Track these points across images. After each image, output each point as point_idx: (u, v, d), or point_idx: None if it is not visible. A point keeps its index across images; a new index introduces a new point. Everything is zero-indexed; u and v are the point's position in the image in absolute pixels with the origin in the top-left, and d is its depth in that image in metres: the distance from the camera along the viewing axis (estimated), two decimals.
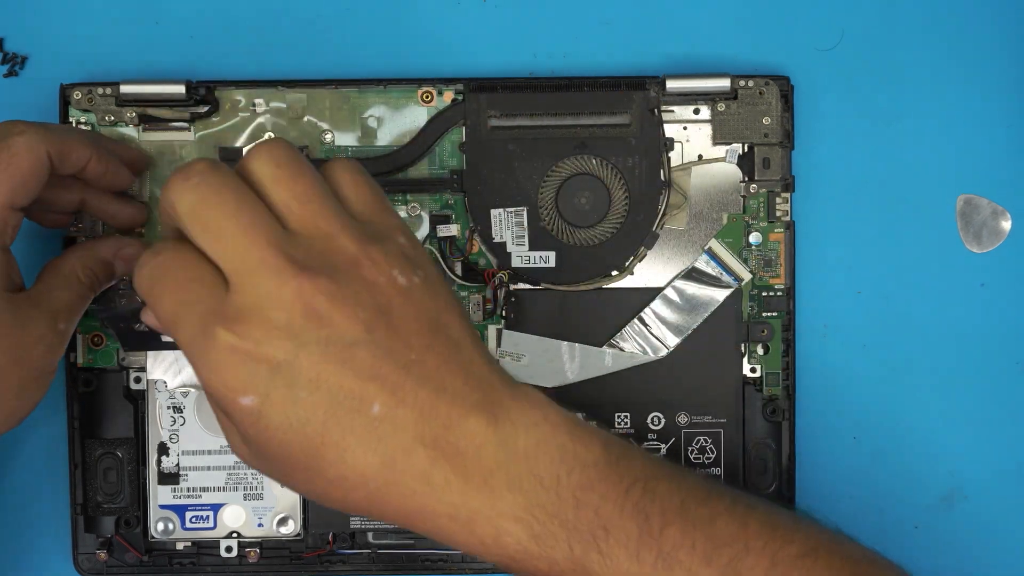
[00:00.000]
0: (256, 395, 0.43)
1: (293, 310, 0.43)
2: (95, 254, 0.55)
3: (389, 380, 0.44)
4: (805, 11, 0.60)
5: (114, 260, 0.56)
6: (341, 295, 0.44)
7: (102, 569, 0.59)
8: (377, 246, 0.45)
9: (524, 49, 0.61)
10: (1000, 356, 0.61)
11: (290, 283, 0.43)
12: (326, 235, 0.45)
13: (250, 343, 0.43)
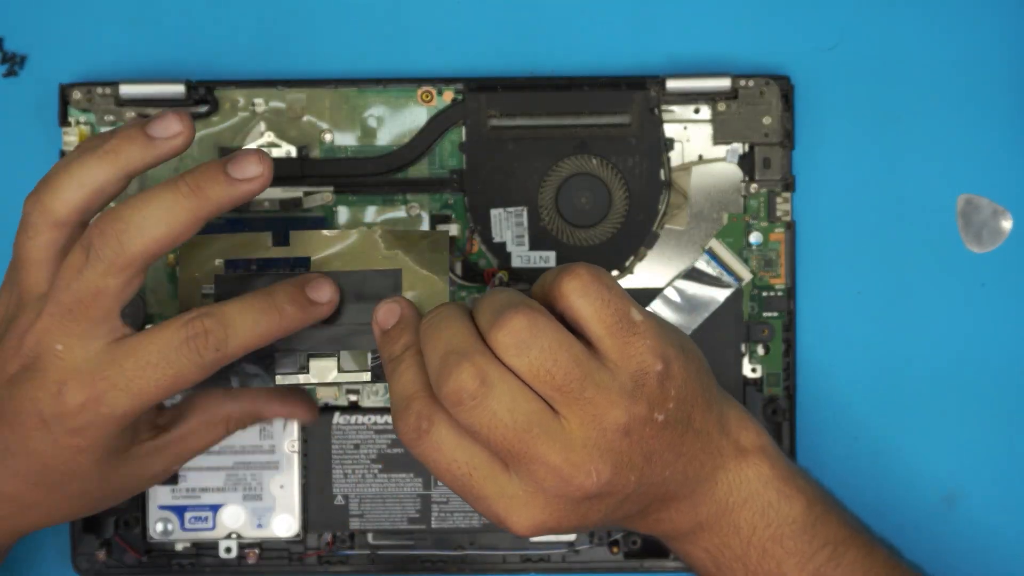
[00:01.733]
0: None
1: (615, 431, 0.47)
2: (255, 411, 0.55)
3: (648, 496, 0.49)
4: (805, 11, 0.60)
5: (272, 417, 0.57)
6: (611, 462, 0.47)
7: (101, 570, 0.59)
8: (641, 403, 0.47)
9: (524, 49, 0.61)
10: (1000, 356, 0.61)
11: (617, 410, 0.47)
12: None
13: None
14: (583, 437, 0.46)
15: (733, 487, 0.50)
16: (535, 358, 0.45)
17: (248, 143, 0.59)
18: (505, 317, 0.45)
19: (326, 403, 0.59)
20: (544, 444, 0.46)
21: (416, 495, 0.59)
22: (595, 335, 0.47)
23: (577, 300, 0.46)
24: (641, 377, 0.47)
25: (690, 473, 0.49)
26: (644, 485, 0.48)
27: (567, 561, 0.60)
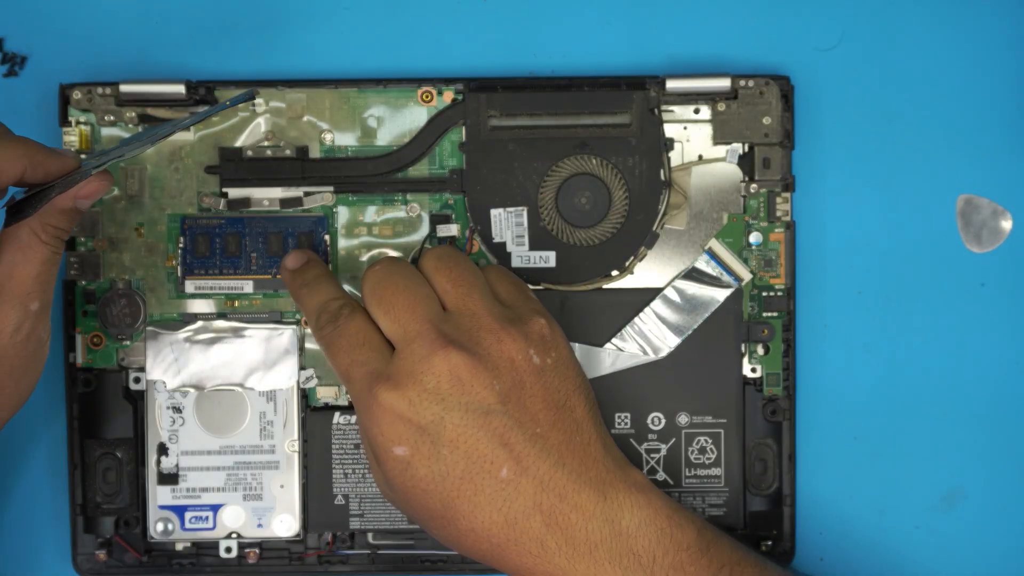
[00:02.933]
0: (407, 447, 0.51)
1: (441, 376, 0.51)
2: (52, 207, 0.52)
3: (516, 449, 0.51)
4: (805, 11, 0.60)
5: (75, 203, 0.52)
6: (482, 367, 0.51)
7: (101, 569, 0.59)
8: (517, 327, 0.52)
9: (524, 49, 0.61)
10: (1000, 356, 0.61)
11: (439, 353, 0.51)
12: (473, 313, 0.52)
13: (405, 402, 0.51)
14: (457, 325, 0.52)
15: (625, 510, 0.51)
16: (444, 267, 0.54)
17: (248, 143, 0.59)
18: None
19: (326, 403, 0.59)
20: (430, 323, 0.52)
21: None
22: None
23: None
24: (528, 316, 0.53)
25: (570, 464, 0.51)
26: (516, 422, 0.51)
27: None
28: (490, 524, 0.51)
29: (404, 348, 0.52)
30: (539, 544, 0.51)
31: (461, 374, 0.51)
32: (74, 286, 0.59)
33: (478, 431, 0.51)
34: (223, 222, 0.59)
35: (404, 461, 0.51)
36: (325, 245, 0.59)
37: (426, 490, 0.51)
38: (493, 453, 0.51)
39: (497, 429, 0.51)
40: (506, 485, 0.51)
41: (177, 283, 0.59)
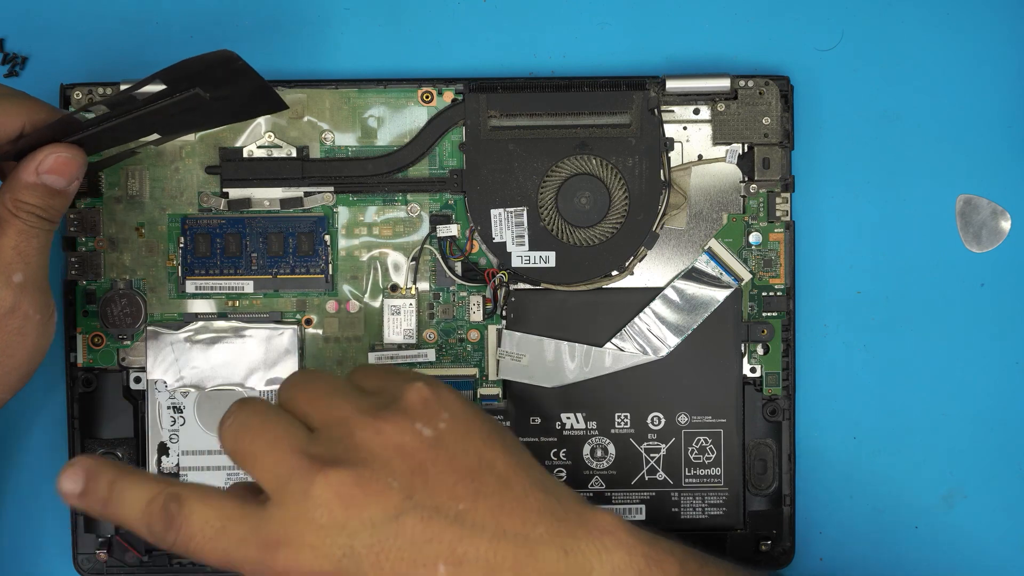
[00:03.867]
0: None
1: (331, 504, 0.44)
2: (17, 181, 0.51)
3: (444, 540, 0.44)
4: (805, 11, 0.60)
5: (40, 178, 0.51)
6: (369, 473, 0.44)
7: (102, 569, 0.59)
8: (392, 409, 0.46)
9: (524, 49, 0.61)
10: (1000, 356, 0.61)
11: (317, 480, 0.44)
12: (341, 420, 0.46)
13: (308, 554, 0.44)
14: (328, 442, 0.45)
15: (593, 559, 0.45)
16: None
17: (248, 143, 0.59)
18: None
19: None
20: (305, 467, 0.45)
21: None
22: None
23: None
24: (397, 391, 0.46)
25: (512, 528, 0.45)
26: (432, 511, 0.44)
27: None
28: None
29: (282, 494, 0.44)
30: None
31: (350, 492, 0.44)
32: (74, 286, 0.59)
33: (395, 540, 0.44)
34: (223, 222, 0.59)
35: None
36: (325, 245, 0.59)
37: None
38: (422, 556, 0.44)
39: (415, 528, 0.44)
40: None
41: (177, 283, 0.59)
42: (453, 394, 0.47)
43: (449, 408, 0.46)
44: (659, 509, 0.59)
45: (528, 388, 0.59)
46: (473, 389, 0.59)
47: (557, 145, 0.58)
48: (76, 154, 0.52)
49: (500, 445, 0.46)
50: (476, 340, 0.59)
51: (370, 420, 0.45)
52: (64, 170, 0.52)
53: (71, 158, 0.52)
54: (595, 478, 0.59)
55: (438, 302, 0.59)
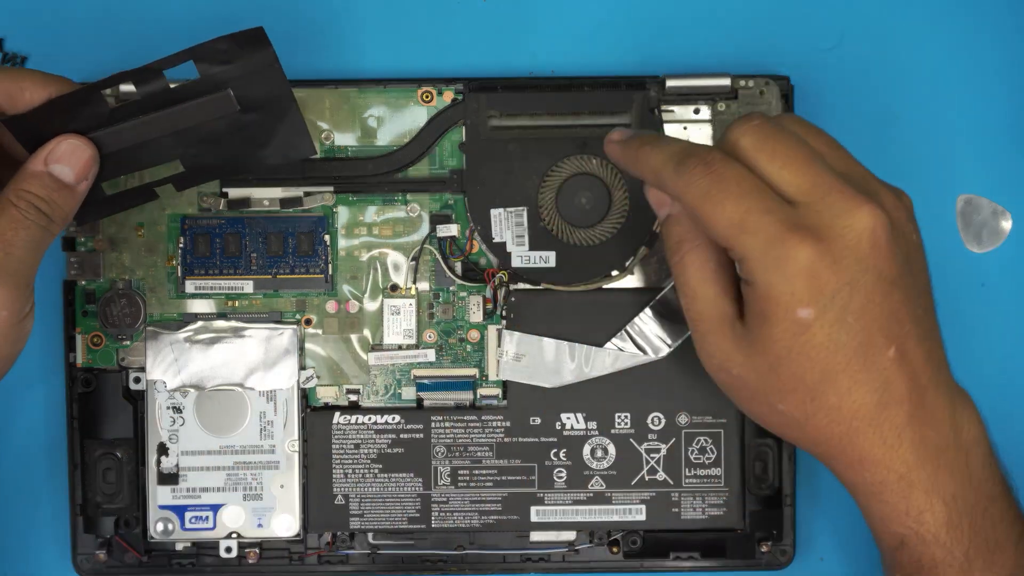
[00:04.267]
0: (814, 309, 0.46)
1: (862, 236, 0.46)
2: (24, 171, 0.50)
3: (904, 328, 0.47)
4: (805, 11, 0.60)
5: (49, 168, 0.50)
6: (893, 230, 0.47)
7: (101, 569, 0.59)
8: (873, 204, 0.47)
9: (524, 49, 0.61)
10: (1000, 356, 0.60)
11: (864, 208, 0.46)
12: (864, 177, 0.48)
13: (828, 259, 0.46)
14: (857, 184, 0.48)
15: (965, 422, 0.49)
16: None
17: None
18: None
19: (326, 403, 0.59)
20: None
21: (416, 495, 0.59)
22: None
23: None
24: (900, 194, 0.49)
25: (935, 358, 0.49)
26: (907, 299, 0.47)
27: (567, 561, 0.60)
28: (861, 405, 0.47)
29: (818, 200, 0.47)
30: (897, 435, 0.48)
31: (880, 235, 0.46)
32: (74, 286, 0.59)
33: (883, 302, 0.47)
34: (223, 222, 0.59)
35: (804, 324, 0.47)
36: (325, 245, 0.59)
37: (812, 358, 0.47)
38: (888, 329, 0.47)
39: (895, 304, 0.47)
40: (888, 367, 0.47)
41: (177, 283, 0.59)
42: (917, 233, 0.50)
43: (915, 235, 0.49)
44: (659, 509, 0.59)
45: (528, 388, 0.59)
46: (473, 389, 0.59)
47: (557, 145, 0.58)
48: (87, 146, 0.51)
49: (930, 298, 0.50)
50: (476, 340, 0.59)
51: (889, 191, 0.48)
52: (73, 160, 0.51)
53: (81, 147, 0.51)
54: (595, 478, 0.59)
55: (438, 302, 0.59)
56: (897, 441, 0.48)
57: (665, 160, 0.49)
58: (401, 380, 0.59)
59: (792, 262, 0.46)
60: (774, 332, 0.47)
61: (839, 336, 0.47)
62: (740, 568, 0.60)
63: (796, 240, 0.46)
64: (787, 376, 0.48)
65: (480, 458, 0.59)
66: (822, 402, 0.48)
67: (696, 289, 0.50)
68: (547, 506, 0.59)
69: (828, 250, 0.46)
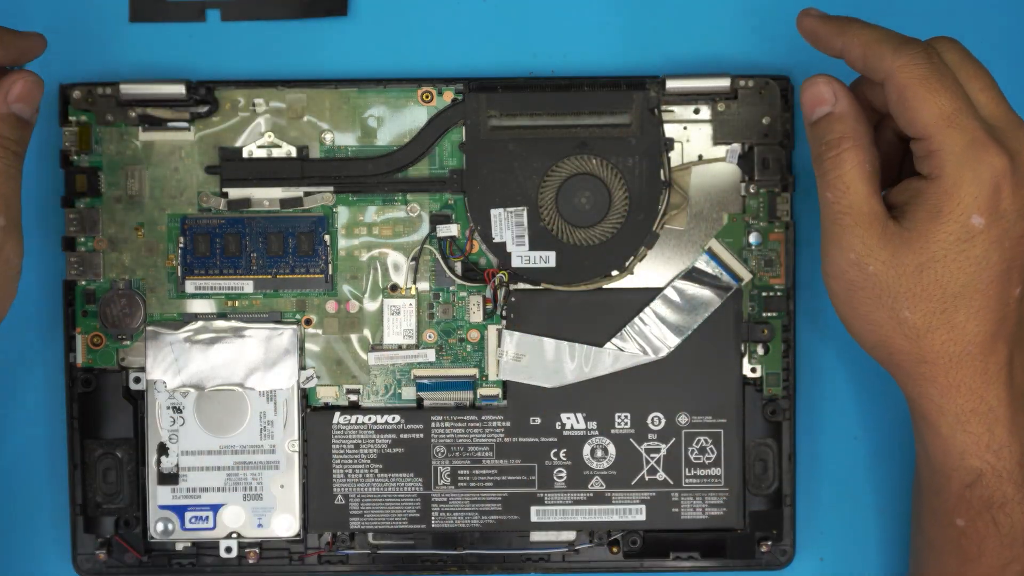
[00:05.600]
0: (987, 220, 0.49)
1: (991, 185, 0.49)
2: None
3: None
4: None
5: (11, 108, 0.51)
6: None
7: (101, 569, 0.59)
8: None
9: (524, 49, 0.61)
10: None
11: (994, 154, 0.49)
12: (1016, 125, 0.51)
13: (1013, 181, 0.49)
14: None
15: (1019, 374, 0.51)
16: None
17: (248, 143, 0.59)
18: None
19: (326, 403, 0.59)
20: None
21: (416, 495, 0.59)
22: None
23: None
24: None
25: None
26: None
27: (567, 561, 0.60)
28: (981, 331, 0.50)
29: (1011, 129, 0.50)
30: (998, 370, 0.50)
31: (1011, 180, 0.49)
32: (74, 286, 0.59)
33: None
34: (223, 222, 0.59)
35: (971, 231, 0.49)
36: (325, 245, 0.59)
37: (962, 268, 0.49)
38: (1022, 268, 0.50)
39: None
40: (1011, 303, 0.50)
41: (177, 283, 0.59)
42: None
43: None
44: (659, 509, 0.59)
45: (528, 388, 0.59)
46: (473, 389, 0.59)
47: (557, 145, 0.58)
48: (37, 79, 0.51)
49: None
50: (476, 340, 0.59)
51: None
52: (30, 97, 0.51)
53: (36, 83, 0.51)
54: (595, 478, 0.59)
55: (438, 302, 0.59)
56: (997, 375, 0.50)
57: (884, 36, 0.51)
58: (401, 380, 0.59)
59: (988, 167, 0.49)
60: (940, 231, 0.49)
61: (992, 255, 0.49)
62: (740, 568, 0.60)
63: (996, 150, 0.49)
64: (929, 280, 0.50)
65: (480, 458, 0.59)
66: (950, 316, 0.50)
67: (851, 184, 0.51)
68: (547, 506, 0.59)
69: (1017, 171, 0.49)
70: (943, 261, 0.49)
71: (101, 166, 0.59)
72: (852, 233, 0.50)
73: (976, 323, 0.50)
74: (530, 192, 0.59)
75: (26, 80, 0.51)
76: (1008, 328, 0.50)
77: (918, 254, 0.50)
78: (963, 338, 0.50)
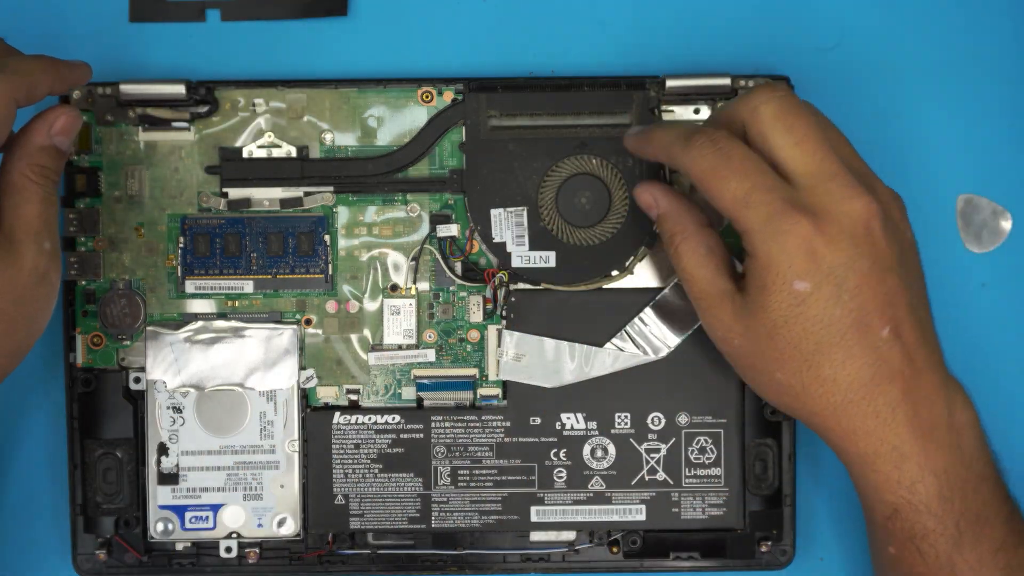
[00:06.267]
0: (810, 283, 0.49)
1: (858, 222, 0.50)
2: (31, 146, 0.52)
3: (899, 312, 0.50)
4: (805, 11, 0.60)
5: (53, 140, 0.53)
6: (888, 224, 0.50)
7: (101, 569, 0.59)
8: (871, 195, 0.50)
9: (524, 49, 0.61)
10: (1000, 356, 0.60)
11: (861, 199, 0.50)
12: (869, 175, 0.52)
13: (823, 238, 0.49)
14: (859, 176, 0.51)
15: (958, 404, 0.51)
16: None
17: (248, 143, 0.59)
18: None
19: (326, 403, 0.59)
20: None
21: (416, 495, 0.59)
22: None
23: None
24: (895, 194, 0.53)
25: (930, 342, 0.51)
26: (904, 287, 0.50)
27: (567, 561, 0.60)
28: (855, 378, 0.50)
29: (820, 184, 0.50)
30: (890, 410, 0.50)
31: (873, 225, 0.50)
32: (74, 286, 0.59)
33: (878, 285, 0.50)
34: (223, 222, 0.59)
35: (799, 297, 0.50)
36: (325, 245, 0.59)
37: (807, 329, 0.50)
38: (883, 310, 0.50)
39: (891, 288, 0.50)
40: (882, 345, 0.50)
41: (177, 283, 0.59)
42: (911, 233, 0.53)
43: (908, 232, 0.52)
44: (659, 509, 0.59)
45: (528, 388, 0.59)
46: (473, 389, 0.59)
47: (557, 145, 0.58)
48: (78, 114, 0.54)
49: (924, 291, 0.52)
50: (476, 340, 0.59)
51: (886, 189, 0.52)
52: (70, 131, 0.53)
53: (77, 117, 0.54)
54: (595, 478, 0.59)
55: (438, 302, 0.59)
56: (891, 415, 0.50)
57: (675, 137, 0.52)
58: (401, 380, 0.59)
59: (791, 236, 0.49)
60: (772, 301, 0.50)
61: (833, 311, 0.50)
62: (740, 568, 0.60)
63: (796, 216, 0.49)
64: (784, 344, 0.50)
65: (480, 458, 0.59)
66: (817, 372, 0.50)
67: (693, 272, 0.53)
68: (547, 506, 0.59)
69: (825, 230, 0.49)
70: (787, 326, 0.50)
71: (101, 166, 0.59)
72: (709, 314, 0.53)
73: (847, 372, 0.50)
74: (530, 192, 0.59)
75: (68, 115, 0.53)
76: (890, 367, 0.50)
77: (764, 323, 0.51)
78: (839, 388, 0.50)
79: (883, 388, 0.50)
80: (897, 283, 0.50)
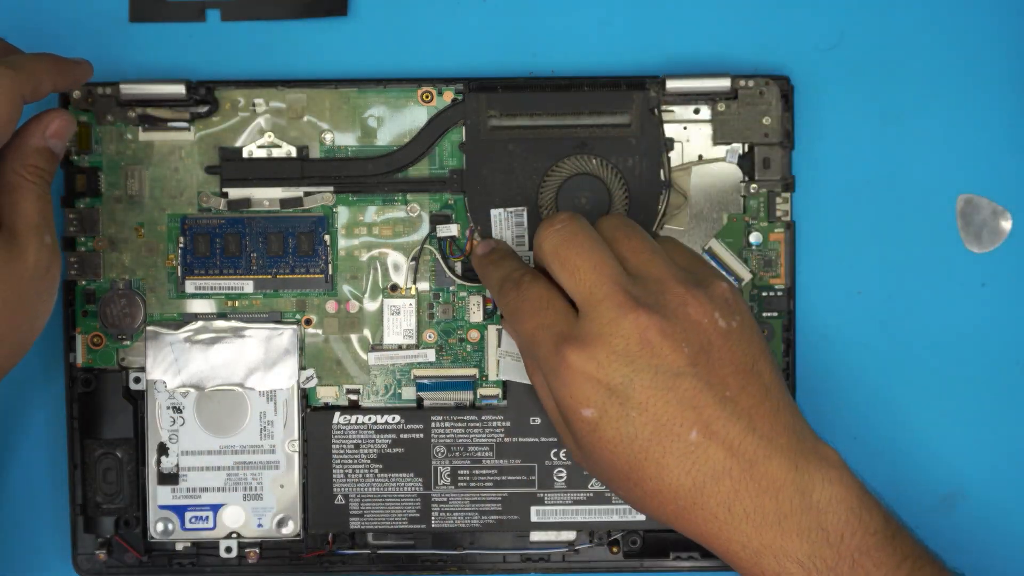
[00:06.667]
0: (595, 409, 0.50)
1: (630, 339, 0.50)
2: (26, 147, 0.53)
3: (705, 412, 0.50)
4: (805, 11, 0.60)
5: (47, 142, 0.53)
6: (670, 330, 0.50)
7: (101, 569, 0.59)
8: (701, 290, 0.51)
9: (524, 49, 0.61)
10: (1000, 356, 0.61)
11: (629, 316, 0.50)
12: (658, 278, 0.51)
13: (593, 364, 0.50)
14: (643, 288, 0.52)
15: (816, 483, 0.50)
16: None
17: (248, 143, 0.59)
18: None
19: (326, 403, 0.59)
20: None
21: (416, 495, 0.59)
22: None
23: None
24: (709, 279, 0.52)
25: (761, 429, 0.50)
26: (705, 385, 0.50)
27: (567, 561, 0.60)
28: (677, 487, 0.50)
29: (591, 310, 0.51)
30: (726, 509, 0.50)
31: (650, 336, 0.50)
32: (74, 286, 0.59)
33: (667, 393, 0.50)
34: (223, 222, 0.59)
35: (591, 423, 0.50)
36: (325, 245, 0.59)
37: (613, 451, 0.50)
38: (683, 416, 0.49)
39: (687, 392, 0.50)
40: (695, 448, 0.49)
41: (177, 283, 0.59)
42: (747, 306, 0.53)
43: (742, 313, 0.52)
44: None
45: (528, 388, 0.59)
46: (473, 389, 0.59)
47: (557, 145, 0.58)
48: (72, 117, 0.54)
49: (770, 361, 0.52)
50: (476, 340, 0.59)
51: (682, 289, 0.51)
52: (64, 134, 0.54)
53: (71, 121, 0.54)
54: (595, 478, 0.59)
55: (438, 302, 0.59)
56: (727, 515, 0.50)
57: (496, 282, 0.55)
58: (401, 380, 0.59)
59: (565, 369, 0.50)
60: (574, 432, 0.51)
61: (627, 429, 0.50)
62: None
63: (567, 350, 0.50)
64: (606, 467, 0.51)
65: (480, 458, 0.59)
66: (642, 488, 0.51)
67: (544, 405, 0.54)
68: (547, 506, 0.59)
69: (593, 356, 0.50)
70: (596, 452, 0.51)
71: (101, 166, 0.59)
72: (565, 444, 0.55)
73: (667, 483, 0.50)
74: (530, 192, 0.59)
75: (63, 118, 0.54)
76: (712, 467, 0.49)
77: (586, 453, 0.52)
78: (668, 499, 0.50)
79: (710, 490, 0.50)
80: (694, 385, 0.50)
